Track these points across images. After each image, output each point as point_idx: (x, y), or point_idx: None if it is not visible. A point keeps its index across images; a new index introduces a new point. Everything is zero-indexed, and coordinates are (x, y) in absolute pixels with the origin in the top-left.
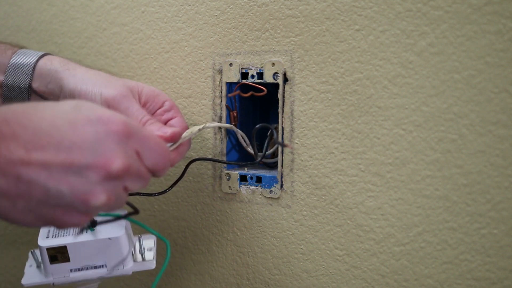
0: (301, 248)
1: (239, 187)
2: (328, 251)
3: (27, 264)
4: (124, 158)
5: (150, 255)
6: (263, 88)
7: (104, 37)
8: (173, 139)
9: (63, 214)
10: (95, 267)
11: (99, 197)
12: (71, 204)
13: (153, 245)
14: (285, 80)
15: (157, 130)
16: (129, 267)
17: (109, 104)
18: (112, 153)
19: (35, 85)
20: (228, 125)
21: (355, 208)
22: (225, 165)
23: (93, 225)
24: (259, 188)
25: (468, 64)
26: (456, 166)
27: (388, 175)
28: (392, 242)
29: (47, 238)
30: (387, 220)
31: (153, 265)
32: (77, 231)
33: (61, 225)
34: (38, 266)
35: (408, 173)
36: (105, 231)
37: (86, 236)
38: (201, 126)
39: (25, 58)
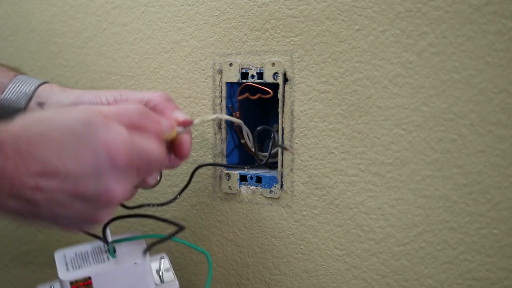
0: (301, 248)
1: (239, 187)
2: (328, 251)
3: None
4: (125, 187)
5: (169, 276)
6: (269, 90)
7: (104, 37)
8: (185, 124)
9: (73, 227)
10: None
11: (103, 219)
12: (77, 223)
13: (168, 265)
14: (285, 80)
15: (171, 110)
16: None
17: (115, 98)
18: (114, 184)
19: (32, 105)
20: (238, 120)
21: (355, 208)
22: None
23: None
24: (259, 188)
25: (468, 64)
26: (456, 166)
27: (388, 175)
28: (392, 242)
29: (68, 271)
30: (387, 220)
31: (176, 286)
32: (99, 258)
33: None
34: None
35: (408, 173)
36: (128, 256)
37: (110, 264)
38: (214, 116)
39: (25, 86)
